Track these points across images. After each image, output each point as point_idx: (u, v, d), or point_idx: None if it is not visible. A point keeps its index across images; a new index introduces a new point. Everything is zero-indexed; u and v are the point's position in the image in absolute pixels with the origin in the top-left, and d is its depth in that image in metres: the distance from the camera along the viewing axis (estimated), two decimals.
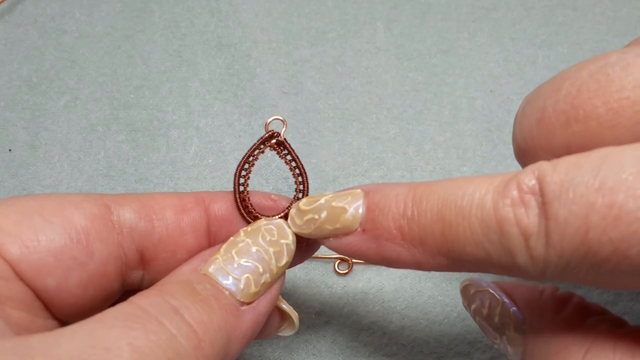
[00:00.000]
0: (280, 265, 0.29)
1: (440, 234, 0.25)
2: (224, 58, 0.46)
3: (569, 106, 0.25)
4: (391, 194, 0.27)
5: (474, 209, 0.24)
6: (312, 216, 0.29)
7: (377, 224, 0.27)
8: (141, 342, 0.23)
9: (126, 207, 0.30)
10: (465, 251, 0.25)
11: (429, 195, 0.26)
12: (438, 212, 0.25)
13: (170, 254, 0.30)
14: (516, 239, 0.23)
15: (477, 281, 0.32)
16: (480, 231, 0.24)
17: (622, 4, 0.48)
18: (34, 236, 0.27)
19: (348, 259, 0.40)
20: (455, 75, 0.46)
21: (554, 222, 0.22)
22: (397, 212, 0.27)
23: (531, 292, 0.30)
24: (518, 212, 0.23)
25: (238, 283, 0.28)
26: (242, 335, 0.28)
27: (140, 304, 0.25)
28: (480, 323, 0.31)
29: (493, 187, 0.24)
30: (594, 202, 0.22)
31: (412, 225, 0.26)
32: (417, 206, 0.26)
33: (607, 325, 0.27)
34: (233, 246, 0.29)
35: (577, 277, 0.23)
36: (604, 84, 0.24)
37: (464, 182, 0.25)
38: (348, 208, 0.28)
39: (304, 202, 0.30)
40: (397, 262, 0.27)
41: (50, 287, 0.27)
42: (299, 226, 0.30)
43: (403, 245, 0.27)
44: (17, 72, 0.46)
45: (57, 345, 0.22)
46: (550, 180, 0.23)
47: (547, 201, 0.23)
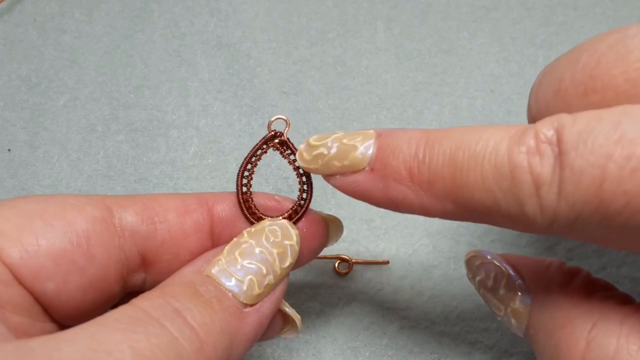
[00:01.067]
0: (284, 266, 0.29)
1: (450, 178, 0.25)
2: (224, 58, 0.46)
3: (587, 77, 0.25)
4: (404, 136, 0.27)
5: (487, 154, 0.24)
6: (321, 151, 0.29)
7: (387, 164, 0.27)
8: (143, 345, 0.23)
9: (128, 210, 0.29)
10: (474, 197, 0.24)
11: (442, 139, 0.25)
12: (450, 156, 0.25)
13: (173, 256, 0.30)
14: (527, 187, 0.23)
15: (483, 253, 0.32)
16: (492, 177, 0.24)
17: (622, 3, 0.48)
18: (34, 240, 0.26)
19: (348, 259, 0.40)
20: (455, 75, 0.46)
21: (569, 172, 0.22)
22: (408, 154, 0.26)
23: (537, 265, 0.30)
24: (532, 161, 0.23)
25: (241, 285, 0.28)
26: (245, 338, 0.27)
27: (142, 306, 0.25)
28: (485, 295, 0.31)
29: (509, 135, 0.24)
30: (613, 153, 0.21)
31: (422, 168, 0.26)
32: (429, 149, 0.26)
33: (615, 301, 0.26)
34: (236, 247, 0.29)
35: (585, 232, 0.23)
36: (623, 54, 0.24)
37: (480, 129, 0.25)
38: (358, 146, 0.28)
39: (314, 137, 0.29)
40: (402, 205, 0.27)
41: (50, 291, 0.27)
42: (307, 161, 0.29)
43: (411, 188, 0.26)
44: (17, 72, 0.46)
45: (58, 348, 0.22)
46: (570, 131, 0.22)
47: (564, 150, 0.22)
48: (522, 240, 0.41)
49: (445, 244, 0.41)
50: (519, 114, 0.44)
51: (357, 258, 0.41)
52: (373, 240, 0.41)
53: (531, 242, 0.41)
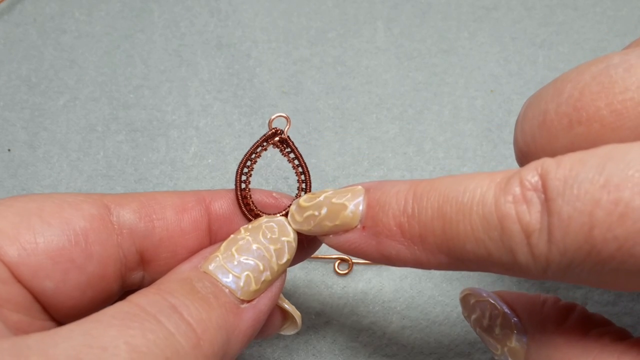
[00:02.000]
0: (281, 262, 0.29)
1: (441, 231, 0.25)
2: (224, 58, 0.46)
3: (572, 109, 0.25)
4: (392, 190, 0.27)
5: (475, 205, 0.24)
6: (312, 212, 0.29)
7: (377, 220, 0.27)
8: (139, 341, 0.23)
9: (126, 208, 0.29)
10: (465, 249, 0.24)
11: (429, 192, 0.26)
12: (439, 209, 0.25)
13: (171, 254, 0.30)
14: (517, 236, 0.23)
15: (478, 291, 0.31)
16: (481, 228, 0.24)
17: (622, 3, 0.48)
18: (32, 238, 0.26)
19: (348, 259, 0.40)
20: (455, 75, 0.46)
21: (557, 219, 0.22)
22: (397, 209, 0.26)
23: (533, 303, 0.30)
24: (520, 209, 0.23)
25: (238, 281, 0.28)
26: (242, 334, 0.27)
27: (139, 302, 0.25)
28: (481, 334, 0.31)
29: (495, 184, 0.24)
30: (599, 198, 0.21)
31: (413, 222, 0.26)
32: (418, 203, 0.26)
33: (611, 337, 0.26)
34: (233, 244, 0.29)
35: (580, 277, 0.23)
36: (607, 85, 0.24)
37: (466, 179, 0.25)
38: (348, 205, 0.28)
39: (304, 198, 0.30)
40: (397, 260, 0.27)
41: (48, 289, 0.27)
42: (299, 223, 0.30)
43: (403, 243, 0.26)
44: (16, 72, 0.46)
45: (54, 345, 0.22)
46: (554, 177, 0.22)
47: (550, 197, 0.22)
48: None
49: None
50: None
51: (357, 258, 0.41)
52: None
53: None
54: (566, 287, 0.40)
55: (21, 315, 0.26)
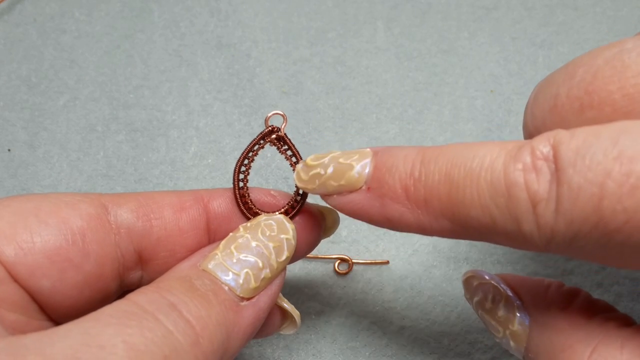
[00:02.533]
0: (281, 260, 0.29)
1: (446, 196, 0.25)
2: (224, 58, 0.46)
3: (583, 92, 0.25)
4: (400, 154, 0.27)
5: (483, 171, 0.24)
6: (317, 171, 0.29)
7: (383, 182, 0.27)
8: (136, 339, 0.23)
9: (124, 207, 0.29)
10: (470, 215, 0.24)
11: (438, 156, 0.25)
12: (446, 173, 0.25)
13: (170, 253, 0.30)
14: (524, 204, 0.23)
15: (481, 273, 0.31)
16: (488, 194, 0.24)
17: (622, 3, 0.48)
18: (29, 237, 0.26)
19: (348, 259, 0.40)
20: (455, 75, 0.46)
21: (566, 189, 0.22)
22: (404, 172, 0.26)
23: (536, 286, 0.30)
24: (529, 178, 0.23)
25: (237, 278, 0.28)
26: (242, 332, 0.27)
27: (137, 300, 0.25)
28: (483, 316, 0.31)
29: (505, 152, 0.24)
30: (611, 170, 0.21)
31: (418, 186, 0.26)
32: (425, 167, 0.26)
33: (615, 324, 0.26)
34: (232, 242, 0.29)
35: (583, 250, 0.23)
36: (619, 69, 0.24)
37: (476, 146, 0.25)
38: (355, 165, 0.27)
39: (311, 157, 0.30)
40: (399, 223, 0.27)
41: (45, 288, 0.27)
42: (304, 181, 0.29)
43: (407, 206, 0.26)
44: (17, 72, 0.46)
45: (51, 344, 0.22)
46: (567, 148, 0.22)
47: (561, 167, 0.22)
48: None
49: (445, 244, 0.41)
50: (519, 114, 0.44)
51: (357, 258, 0.41)
52: (373, 240, 0.41)
53: None
54: None
55: (18, 314, 0.26)
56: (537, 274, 0.40)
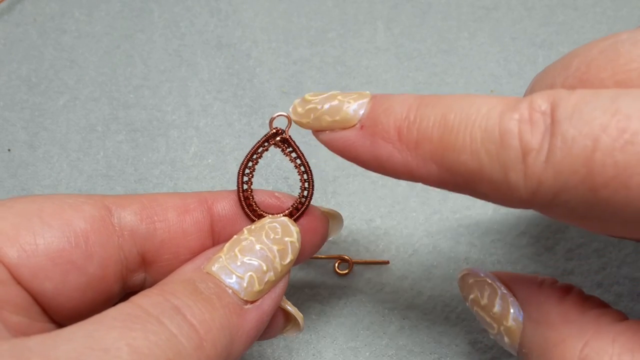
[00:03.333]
0: (285, 263, 0.29)
1: (438, 139, 0.25)
2: (224, 58, 0.46)
3: (578, 81, 0.25)
4: (398, 98, 0.27)
5: (479, 118, 0.24)
6: (314, 106, 0.29)
7: (377, 121, 0.27)
8: (140, 343, 0.23)
9: (127, 209, 0.29)
10: (459, 160, 0.25)
11: (435, 103, 0.26)
12: (441, 117, 0.25)
13: (173, 255, 0.30)
14: (514, 153, 0.23)
15: (476, 271, 0.32)
16: (480, 140, 0.24)
17: (622, 3, 0.48)
18: (32, 239, 0.26)
19: (348, 259, 0.40)
20: (455, 75, 0.46)
21: (560, 140, 0.22)
22: (399, 113, 0.26)
23: (530, 283, 0.30)
24: (523, 128, 0.23)
25: (241, 281, 0.28)
26: (246, 335, 0.27)
27: (141, 303, 0.25)
28: (478, 313, 0.31)
29: (504, 103, 0.24)
30: (607, 124, 0.22)
31: (412, 128, 0.26)
32: (421, 111, 0.26)
33: (608, 319, 0.26)
34: (236, 244, 0.29)
35: (566, 207, 0.23)
36: (612, 58, 0.24)
37: (475, 96, 0.25)
38: (352, 103, 0.28)
39: (311, 93, 0.30)
40: (387, 163, 0.27)
41: (48, 291, 0.27)
42: (299, 114, 0.30)
43: (397, 147, 0.26)
44: (17, 72, 0.46)
45: (55, 347, 0.22)
46: (566, 103, 0.23)
47: (557, 120, 0.23)
48: (523, 240, 0.41)
49: (445, 244, 0.41)
50: None
51: (357, 258, 0.41)
52: (373, 240, 0.41)
53: (531, 242, 0.41)
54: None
55: (21, 317, 0.26)
56: (537, 273, 0.40)
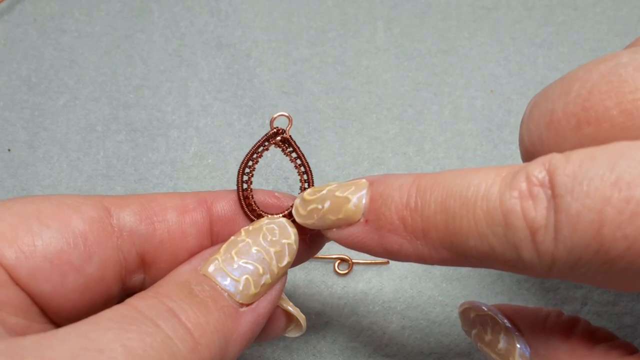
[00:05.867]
0: (282, 265, 0.29)
1: (444, 226, 0.25)
2: (224, 58, 0.46)
3: (580, 108, 0.24)
4: (395, 184, 0.26)
5: (479, 200, 0.23)
6: (315, 206, 0.29)
7: (380, 214, 0.26)
8: (135, 344, 0.23)
9: (126, 210, 0.29)
10: (468, 244, 0.24)
11: (433, 185, 0.25)
12: (442, 203, 0.25)
13: (173, 256, 0.30)
14: (522, 232, 0.23)
15: (477, 305, 0.31)
16: (485, 223, 0.23)
17: (622, 3, 0.48)
18: (30, 241, 0.26)
19: (348, 259, 0.40)
20: (455, 75, 0.46)
21: (565, 216, 0.22)
22: (400, 203, 0.26)
23: (535, 317, 0.29)
24: (525, 205, 0.22)
25: (237, 284, 0.28)
26: (241, 338, 0.27)
27: (137, 305, 0.25)
28: (482, 349, 0.30)
29: (500, 179, 0.23)
30: (610, 196, 0.21)
31: (415, 217, 0.25)
32: (421, 197, 0.25)
33: (617, 353, 0.26)
34: (233, 246, 0.29)
35: (586, 276, 0.23)
36: (616, 84, 0.24)
37: (470, 173, 0.24)
38: (351, 198, 0.27)
39: (309, 192, 0.29)
40: (399, 254, 0.27)
41: (47, 292, 0.27)
42: (302, 216, 0.29)
43: (405, 237, 0.26)
44: (17, 72, 0.46)
45: (50, 347, 0.22)
46: (563, 173, 0.22)
47: (559, 194, 0.22)
48: None
49: None
50: (519, 114, 0.44)
51: (357, 258, 0.41)
52: None
53: None
54: (566, 287, 0.40)
55: (19, 318, 0.26)
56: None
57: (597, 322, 0.39)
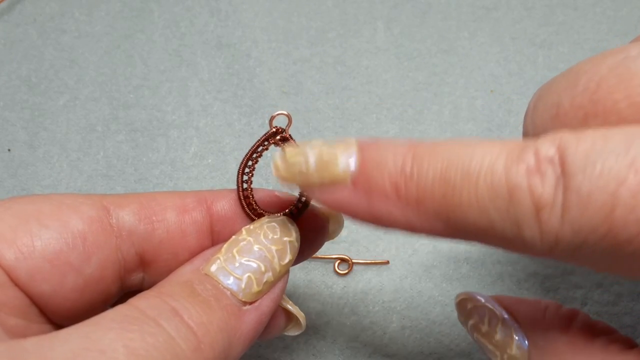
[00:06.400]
0: (283, 263, 0.29)
1: (441, 197, 0.23)
2: (224, 58, 0.46)
3: (588, 101, 0.24)
4: (389, 148, 0.25)
5: (482, 173, 0.22)
6: (298, 162, 0.26)
7: (370, 179, 0.24)
8: (137, 344, 0.23)
9: (125, 209, 0.29)
10: (466, 218, 0.23)
11: (431, 154, 0.24)
12: (441, 173, 0.23)
13: (172, 255, 0.30)
14: (527, 209, 0.22)
15: (474, 295, 0.30)
16: (487, 197, 0.22)
17: (622, 3, 0.48)
18: (29, 241, 0.26)
19: (348, 259, 0.40)
20: (455, 75, 0.46)
21: (575, 196, 0.21)
22: (394, 168, 0.24)
23: (534, 309, 0.29)
24: (533, 181, 0.21)
25: (239, 282, 0.27)
26: (244, 336, 0.27)
27: (139, 305, 0.25)
28: (479, 340, 0.30)
29: (506, 152, 0.22)
30: (625, 177, 0.20)
31: (410, 185, 0.24)
32: (418, 165, 0.24)
33: (617, 347, 0.25)
34: (234, 245, 0.29)
35: (589, 259, 0.22)
36: (625, 77, 0.23)
37: (473, 144, 0.23)
38: (339, 157, 0.25)
39: (291, 147, 0.27)
40: (387, 222, 0.25)
41: (46, 292, 0.26)
42: (283, 174, 0.26)
43: (397, 205, 0.24)
44: (16, 72, 0.46)
45: (52, 348, 0.22)
46: (575, 151, 0.21)
47: (570, 172, 0.21)
48: None
49: (445, 244, 0.41)
50: (519, 114, 0.44)
51: (357, 258, 0.41)
52: (373, 240, 0.41)
53: None
54: (566, 287, 0.40)
55: (18, 318, 0.26)
56: (537, 273, 0.40)
57: None
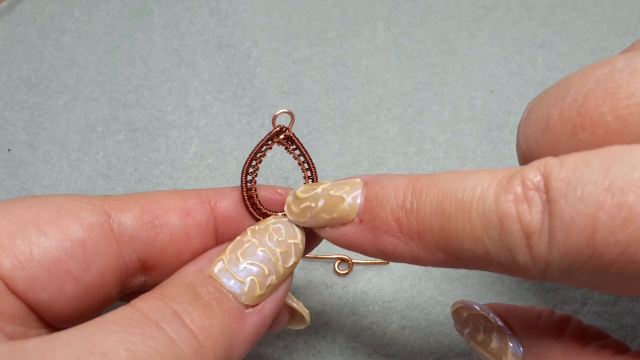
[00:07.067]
0: (288, 266, 0.29)
1: (439, 228, 0.25)
2: (224, 58, 0.46)
3: (575, 114, 0.24)
4: (391, 184, 0.26)
5: (474, 203, 0.24)
6: (308, 204, 0.28)
7: (375, 215, 0.26)
8: (139, 347, 0.23)
9: (127, 214, 0.28)
10: (463, 247, 0.24)
11: (429, 187, 0.25)
12: (438, 206, 0.25)
13: (175, 258, 0.29)
14: (517, 236, 0.23)
15: (470, 304, 0.31)
16: (480, 226, 0.23)
17: (622, 3, 0.48)
18: (27, 249, 0.26)
19: (348, 259, 0.40)
20: (455, 75, 0.46)
21: (559, 221, 0.22)
22: (395, 204, 0.26)
23: (527, 316, 0.29)
24: (521, 209, 0.23)
25: (242, 286, 0.27)
26: (246, 339, 0.27)
27: (141, 308, 0.24)
28: (475, 348, 0.31)
29: (496, 182, 0.23)
30: (603, 201, 0.21)
31: (411, 218, 0.25)
32: (417, 198, 0.25)
33: (609, 352, 0.26)
34: (239, 247, 0.28)
35: (580, 280, 0.23)
36: (611, 90, 0.24)
37: (466, 175, 0.24)
38: (346, 197, 0.27)
39: (302, 189, 0.29)
40: (393, 255, 0.26)
41: (44, 300, 0.26)
42: (295, 214, 0.29)
43: (400, 238, 0.26)
44: (17, 72, 0.46)
45: (53, 349, 0.22)
46: (557, 177, 0.22)
47: (553, 199, 0.22)
48: None
49: None
50: (519, 114, 0.44)
51: (357, 258, 0.41)
52: None
53: None
54: (566, 287, 0.40)
55: (16, 326, 0.26)
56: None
57: (597, 322, 0.39)
